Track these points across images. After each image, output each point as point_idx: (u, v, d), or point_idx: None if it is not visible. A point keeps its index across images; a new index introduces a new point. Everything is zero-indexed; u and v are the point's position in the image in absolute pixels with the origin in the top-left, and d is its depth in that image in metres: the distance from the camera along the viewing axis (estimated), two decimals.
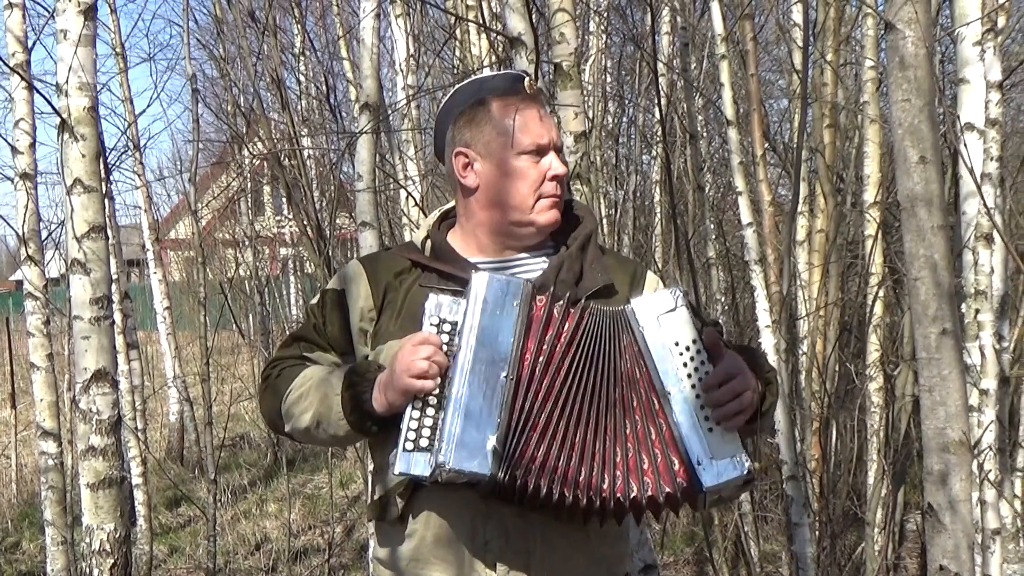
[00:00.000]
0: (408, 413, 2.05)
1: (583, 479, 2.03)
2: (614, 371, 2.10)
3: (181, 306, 17.48)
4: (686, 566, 7.35)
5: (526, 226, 2.30)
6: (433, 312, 2.10)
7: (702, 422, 2.05)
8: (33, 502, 9.46)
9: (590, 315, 2.12)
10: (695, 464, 2.03)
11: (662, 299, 2.13)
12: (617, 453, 2.06)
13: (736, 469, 2.03)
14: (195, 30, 11.63)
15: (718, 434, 2.05)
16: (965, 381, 2.86)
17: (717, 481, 2.03)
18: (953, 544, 2.59)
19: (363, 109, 4.64)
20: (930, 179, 2.54)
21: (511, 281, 2.11)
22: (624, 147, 9.98)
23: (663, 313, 2.10)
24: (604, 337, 2.11)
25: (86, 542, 3.27)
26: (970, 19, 3.73)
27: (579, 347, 2.10)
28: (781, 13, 7.61)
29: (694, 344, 2.09)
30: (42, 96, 4.14)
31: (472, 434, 2.00)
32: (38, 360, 5.27)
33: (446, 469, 1.98)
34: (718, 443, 2.04)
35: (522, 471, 2.01)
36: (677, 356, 2.08)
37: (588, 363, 2.09)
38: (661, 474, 2.05)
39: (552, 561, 2.17)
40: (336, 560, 7.47)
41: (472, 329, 2.06)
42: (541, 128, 2.27)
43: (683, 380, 2.07)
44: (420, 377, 2.03)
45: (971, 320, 3.95)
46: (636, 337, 2.11)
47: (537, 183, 2.26)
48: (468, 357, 2.04)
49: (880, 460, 5.67)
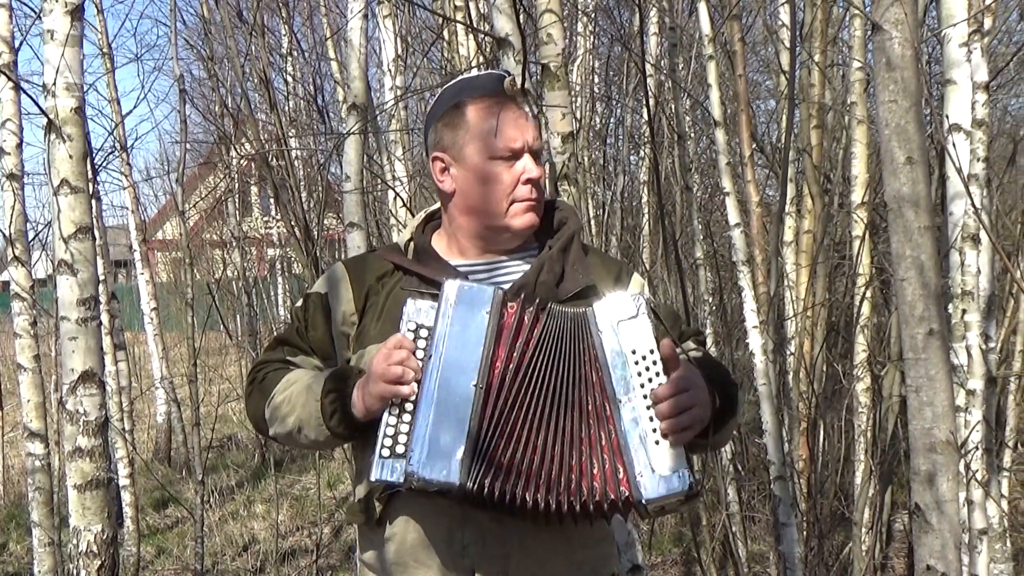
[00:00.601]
0: (384, 419, 2.05)
1: (543, 482, 2.02)
2: (573, 373, 2.08)
3: (168, 307, 17.47)
4: (674, 566, 7.36)
5: (502, 231, 2.29)
6: (411, 317, 2.09)
7: (649, 433, 2.02)
8: (20, 503, 9.43)
9: (551, 316, 2.11)
10: (637, 475, 2.01)
11: (624, 305, 2.10)
12: (573, 456, 2.04)
13: (678, 484, 2.01)
14: (182, 30, 11.62)
15: (664, 447, 2.02)
16: (952, 381, 2.87)
17: (656, 494, 2.01)
18: (940, 544, 2.59)
19: (351, 110, 4.64)
20: (917, 180, 2.55)
21: (482, 288, 2.11)
22: (612, 148, 9.98)
23: (624, 319, 2.08)
24: (565, 338, 2.10)
25: (73, 543, 3.26)
26: (957, 20, 3.74)
27: (542, 350, 2.08)
28: (769, 14, 7.63)
29: (651, 354, 2.06)
30: (29, 97, 4.11)
31: (442, 442, 2.00)
32: (25, 361, 5.25)
33: (415, 477, 1.99)
34: (662, 456, 2.01)
35: (490, 479, 2.00)
36: (632, 364, 2.06)
37: (550, 365, 2.08)
38: (607, 480, 2.03)
39: (529, 565, 2.17)
40: (324, 561, 7.46)
41: (443, 337, 2.06)
42: (515, 131, 2.25)
43: (635, 389, 2.05)
44: (395, 383, 2.04)
45: (958, 320, 3.96)
46: (594, 341, 2.09)
47: (510, 188, 2.25)
48: (438, 365, 2.04)
49: (867, 460, 5.68)
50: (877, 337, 6.32)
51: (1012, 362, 6.16)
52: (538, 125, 2.34)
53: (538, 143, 2.29)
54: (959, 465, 2.86)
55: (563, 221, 2.37)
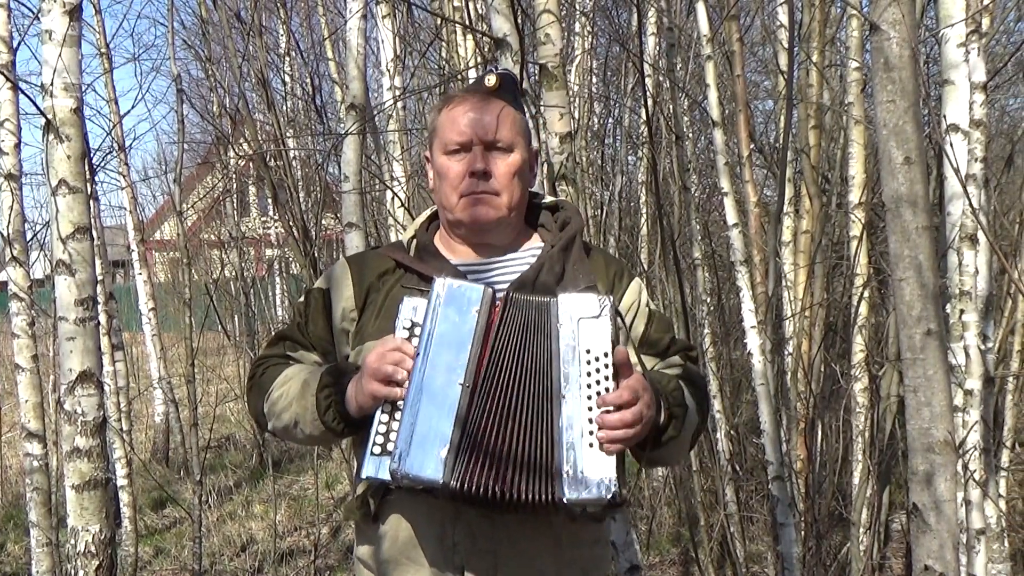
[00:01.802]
0: (377, 416, 2.06)
1: (511, 475, 2.02)
2: (534, 363, 2.08)
3: (166, 307, 17.44)
4: (672, 567, 7.36)
5: (458, 225, 2.31)
6: (407, 315, 2.11)
7: (585, 435, 2.02)
8: (18, 504, 9.42)
9: (514, 306, 2.11)
10: (562, 473, 2.00)
11: (588, 303, 2.10)
12: (529, 447, 2.04)
13: (599, 491, 2.00)
14: (180, 31, 11.59)
15: (594, 451, 2.01)
16: (950, 381, 2.87)
17: (577, 496, 2.00)
18: (938, 544, 2.60)
19: (349, 110, 4.64)
20: (915, 180, 2.55)
21: (471, 287, 2.12)
22: (610, 148, 9.99)
23: (585, 317, 2.08)
24: (529, 328, 2.10)
25: (71, 544, 3.26)
26: (955, 20, 3.74)
27: (511, 341, 2.09)
28: (767, 14, 7.64)
29: (604, 356, 2.05)
30: (27, 97, 4.11)
31: (427, 440, 2.01)
32: (23, 361, 5.25)
33: (400, 475, 2.00)
34: (591, 460, 2.01)
35: (470, 475, 2.01)
36: (584, 363, 2.05)
37: (517, 356, 2.08)
38: (533, 473, 2.03)
39: (518, 563, 2.18)
40: (322, 561, 7.46)
41: (431, 335, 2.07)
42: (466, 123, 2.25)
43: (581, 388, 2.04)
44: (387, 381, 2.05)
45: (956, 320, 3.96)
46: (551, 331, 2.08)
47: (457, 181, 2.26)
48: (426, 363, 2.05)
49: (865, 460, 5.68)
50: (875, 337, 6.32)
51: (1010, 362, 6.15)
52: (517, 119, 2.32)
53: (500, 135, 2.27)
54: (957, 465, 2.86)
55: (567, 221, 2.37)
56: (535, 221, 2.41)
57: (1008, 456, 5.76)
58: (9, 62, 5.15)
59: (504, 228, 2.32)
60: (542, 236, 2.37)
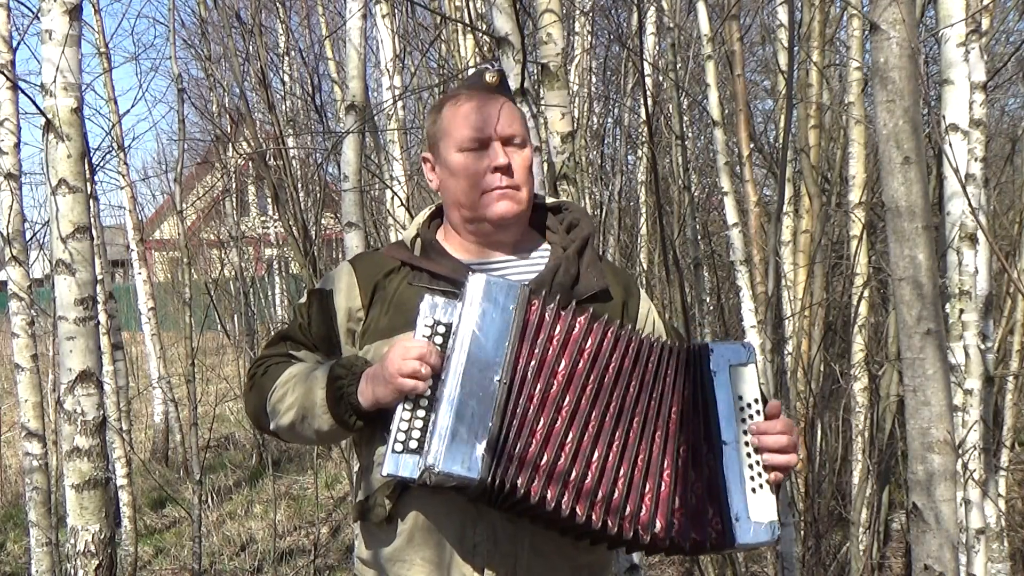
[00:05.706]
0: (398, 414, 2.03)
1: (600, 498, 2.02)
2: (663, 401, 2.10)
3: (166, 307, 17.44)
4: (671, 566, 7.36)
5: (480, 222, 2.28)
6: (428, 313, 2.08)
7: (748, 480, 2.06)
8: (17, 503, 9.42)
9: (631, 337, 2.13)
10: (733, 519, 2.03)
11: (735, 350, 2.14)
12: (648, 483, 2.05)
13: (768, 533, 2.05)
14: (180, 30, 11.59)
15: (761, 496, 2.06)
16: (949, 381, 2.87)
17: (750, 540, 2.04)
18: (938, 544, 2.60)
19: (349, 109, 4.64)
20: (914, 180, 2.55)
21: (509, 284, 2.10)
22: (609, 147, 9.99)
23: (736, 364, 2.12)
24: (643, 357, 2.11)
25: (71, 543, 3.26)
26: (954, 20, 3.74)
27: (600, 360, 2.09)
28: (767, 14, 7.64)
29: (756, 403, 2.11)
30: (27, 96, 4.11)
31: (463, 437, 1.97)
32: (22, 361, 5.25)
33: (435, 471, 1.96)
34: (759, 504, 2.06)
35: (513, 476, 1.99)
36: (738, 410, 2.10)
37: (616, 383, 2.09)
38: (692, 518, 2.05)
39: (538, 568, 2.17)
40: (321, 561, 7.46)
41: (467, 332, 2.04)
42: (479, 119, 2.24)
43: (740, 436, 2.08)
44: (412, 377, 2.02)
45: (955, 320, 3.96)
46: (704, 378, 2.11)
47: (479, 177, 2.23)
48: (461, 360, 2.02)
49: (865, 460, 5.69)
50: (875, 337, 6.33)
51: (1009, 361, 6.16)
52: (521, 115, 2.32)
53: (514, 130, 2.26)
54: (956, 465, 2.86)
55: (574, 223, 2.36)
56: (535, 220, 2.40)
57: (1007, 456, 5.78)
58: (9, 62, 5.15)
59: (520, 224, 2.32)
60: (548, 237, 2.36)
